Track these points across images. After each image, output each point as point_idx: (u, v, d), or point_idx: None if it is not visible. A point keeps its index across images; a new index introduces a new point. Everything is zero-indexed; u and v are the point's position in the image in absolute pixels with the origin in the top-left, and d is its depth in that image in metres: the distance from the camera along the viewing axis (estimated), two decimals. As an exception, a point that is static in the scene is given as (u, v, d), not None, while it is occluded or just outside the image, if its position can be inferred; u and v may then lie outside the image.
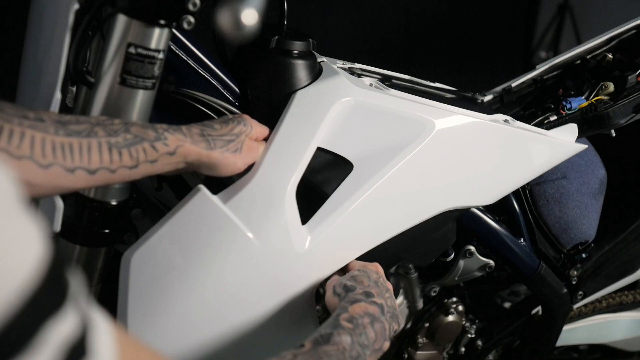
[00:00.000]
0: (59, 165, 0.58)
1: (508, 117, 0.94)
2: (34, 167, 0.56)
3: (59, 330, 0.31)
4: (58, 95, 0.66)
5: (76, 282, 0.33)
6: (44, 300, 0.30)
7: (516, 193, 1.04)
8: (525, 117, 1.04)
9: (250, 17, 0.32)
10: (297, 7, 0.83)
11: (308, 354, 0.60)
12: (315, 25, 2.37)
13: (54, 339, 0.30)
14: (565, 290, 1.08)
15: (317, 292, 0.82)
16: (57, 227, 0.70)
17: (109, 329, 0.35)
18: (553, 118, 1.00)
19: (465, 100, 1.03)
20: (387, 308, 0.73)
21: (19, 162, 0.55)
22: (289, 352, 0.60)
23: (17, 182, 0.32)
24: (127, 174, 0.64)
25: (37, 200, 0.75)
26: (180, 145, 0.67)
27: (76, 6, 0.63)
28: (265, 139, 0.79)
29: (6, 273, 0.29)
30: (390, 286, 0.79)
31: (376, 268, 0.80)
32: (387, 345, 0.70)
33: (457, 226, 0.94)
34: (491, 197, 0.93)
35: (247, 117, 0.76)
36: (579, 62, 1.12)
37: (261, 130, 0.78)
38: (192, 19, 0.66)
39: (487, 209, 0.98)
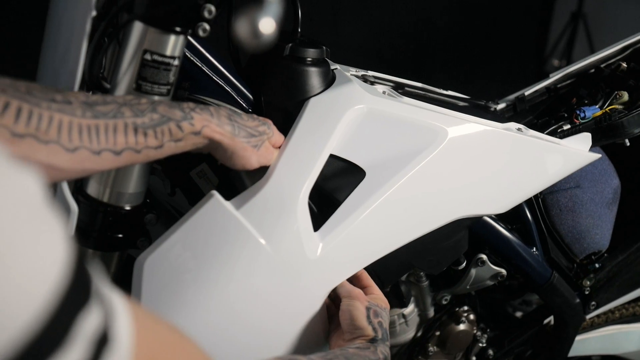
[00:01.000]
0: (85, 149, 0.58)
1: (521, 126, 0.94)
2: (61, 151, 0.56)
3: (88, 323, 0.32)
4: (74, 101, 0.66)
5: (95, 273, 0.34)
6: (74, 297, 0.32)
7: (529, 202, 1.03)
8: (538, 125, 1.03)
9: (267, 25, 0.32)
10: (310, 14, 0.83)
11: None
12: (327, 32, 2.38)
13: (85, 332, 0.32)
14: (577, 300, 1.07)
15: (328, 298, 0.82)
16: (71, 231, 0.70)
17: (126, 310, 0.36)
18: (567, 127, 1.00)
19: (478, 109, 1.03)
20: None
21: (47, 146, 0.55)
22: None
23: (42, 182, 0.32)
24: (153, 154, 0.64)
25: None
26: (206, 126, 0.67)
27: (93, 13, 0.64)
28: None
29: (42, 276, 0.30)
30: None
31: (385, 305, 0.81)
32: None
33: (469, 234, 0.94)
34: (504, 205, 0.93)
35: (270, 122, 0.77)
36: (593, 71, 1.11)
37: (279, 138, 0.78)
38: (207, 26, 0.66)
39: (499, 218, 0.97)
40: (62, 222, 0.33)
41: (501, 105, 1.10)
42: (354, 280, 0.82)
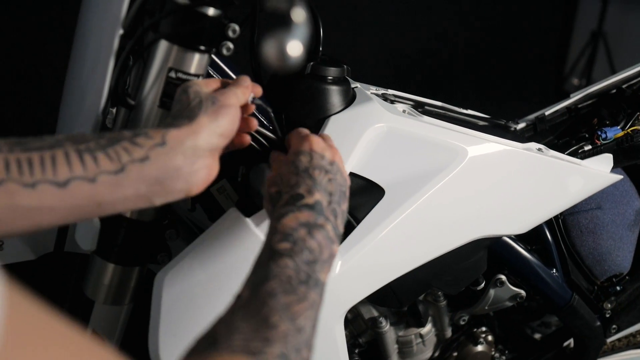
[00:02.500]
0: (13, 182, 0.49)
1: (542, 146, 0.94)
2: None
3: None
4: (100, 117, 0.68)
5: None
6: None
7: (549, 223, 1.02)
8: (559, 146, 1.03)
9: (295, 48, 0.33)
10: (329, 31, 0.84)
11: (249, 304, 0.51)
12: (345, 49, 2.40)
13: None
14: (598, 323, 1.06)
15: (345, 317, 0.81)
16: (94, 245, 0.71)
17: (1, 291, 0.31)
18: (588, 147, 0.99)
19: (498, 128, 1.03)
20: (324, 200, 0.62)
21: None
22: (226, 312, 0.51)
23: None
24: (114, 180, 0.54)
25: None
26: (166, 132, 0.58)
27: (120, 31, 0.65)
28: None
29: None
30: (331, 154, 0.69)
31: (310, 145, 0.67)
32: (336, 248, 0.61)
33: (488, 255, 0.93)
34: (523, 226, 0.92)
35: (188, 83, 0.65)
36: (614, 91, 1.11)
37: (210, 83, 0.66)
38: (231, 45, 0.67)
39: (519, 238, 0.97)
40: None
41: (521, 125, 1.10)
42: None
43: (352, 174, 0.80)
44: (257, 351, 0.47)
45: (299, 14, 0.35)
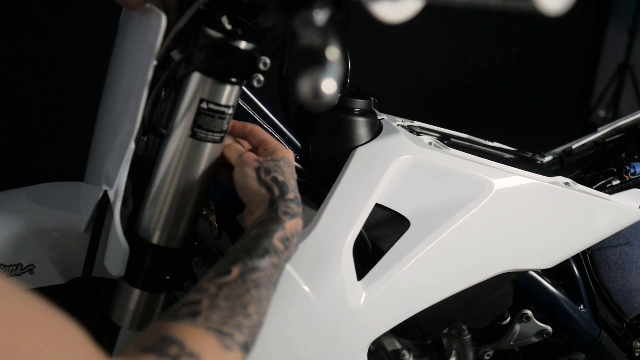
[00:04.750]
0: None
1: (569, 180, 0.93)
2: None
3: None
4: (132, 145, 0.69)
5: None
6: None
7: (576, 258, 1.01)
8: (586, 180, 1.02)
9: (329, 86, 0.34)
10: (355, 62, 0.85)
11: (235, 284, 0.55)
12: (372, 80, 2.42)
13: None
14: (627, 361, 1.03)
15: (368, 348, 0.81)
16: (122, 271, 0.72)
17: None
18: (616, 182, 0.98)
19: (524, 161, 1.02)
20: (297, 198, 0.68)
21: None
22: (212, 283, 0.55)
23: None
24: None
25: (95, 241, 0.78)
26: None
27: (155, 62, 0.67)
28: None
29: None
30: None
31: (283, 154, 0.72)
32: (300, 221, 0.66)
33: (514, 289, 0.92)
34: (550, 260, 0.92)
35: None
36: (642, 126, 1.10)
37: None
38: (261, 77, 0.69)
39: (545, 273, 0.96)
40: None
41: (548, 158, 1.09)
42: (247, 138, 0.76)
43: (377, 205, 0.80)
44: (228, 334, 0.52)
45: (333, 53, 0.36)
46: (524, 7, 0.33)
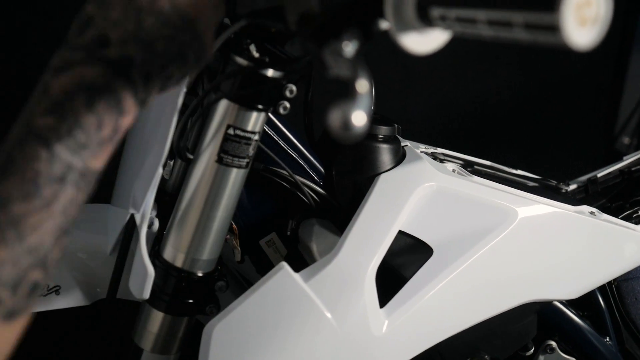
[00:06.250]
0: None
1: (594, 209, 0.92)
2: None
3: None
4: (160, 170, 0.70)
5: None
6: None
7: (602, 288, 0.99)
8: (612, 209, 1.01)
9: (359, 118, 0.34)
10: (378, 89, 0.86)
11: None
12: (395, 107, 2.43)
13: None
14: (655, 396, 1.01)
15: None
16: (147, 294, 0.73)
17: None
18: (642, 212, 0.97)
19: (548, 189, 1.02)
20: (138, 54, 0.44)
21: None
22: None
23: None
24: None
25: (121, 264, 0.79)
26: None
27: (184, 89, 0.69)
28: None
29: None
30: None
31: None
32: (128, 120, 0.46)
33: (538, 319, 0.91)
34: (575, 291, 0.90)
35: None
36: (669, 155, 1.09)
37: None
38: (287, 105, 0.70)
39: (570, 304, 0.94)
40: None
41: (572, 187, 1.08)
42: None
43: (401, 232, 0.80)
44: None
45: (363, 85, 0.37)
46: (552, 43, 0.33)
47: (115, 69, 0.43)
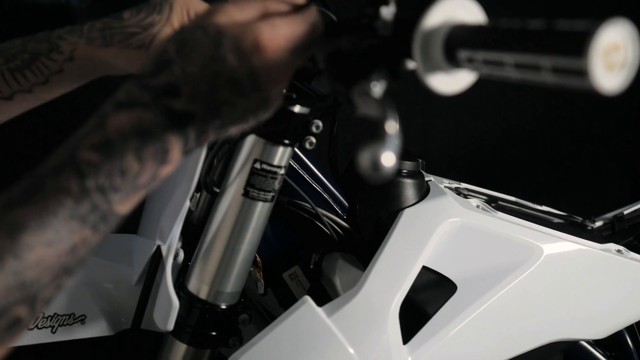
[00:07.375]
0: None
1: (621, 247, 0.91)
2: None
3: None
4: (187, 204, 0.72)
5: None
6: None
7: (630, 329, 0.97)
8: (639, 248, 0.99)
9: (389, 159, 0.35)
10: (402, 124, 0.87)
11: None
12: (419, 141, 2.44)
13: None
14: None
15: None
16: (171, 326, 0.73)
17: None
18: (671, 251, 0.95)
19: (574, 226, 1.01)
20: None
21: None
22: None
23: None
24: (46, 88, 0.62)
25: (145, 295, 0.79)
26: (75, 49, 0.62)
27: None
28: None
29: None
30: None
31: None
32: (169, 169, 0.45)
33: (564, 359, 0.89)
34: (602, 331, 0.89)
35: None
36: (698, 193, 1.07)
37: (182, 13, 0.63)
38: (314, 140, 0.71)
39: (597, 344, 0.92)
40: None
41: (598, 224, 1.07)
42: None
43: (424, 268, 0.80)
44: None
45: (392, 127, 0.38)
46: (580, 87, 0.34)
47: (174, 121, 0.43)
